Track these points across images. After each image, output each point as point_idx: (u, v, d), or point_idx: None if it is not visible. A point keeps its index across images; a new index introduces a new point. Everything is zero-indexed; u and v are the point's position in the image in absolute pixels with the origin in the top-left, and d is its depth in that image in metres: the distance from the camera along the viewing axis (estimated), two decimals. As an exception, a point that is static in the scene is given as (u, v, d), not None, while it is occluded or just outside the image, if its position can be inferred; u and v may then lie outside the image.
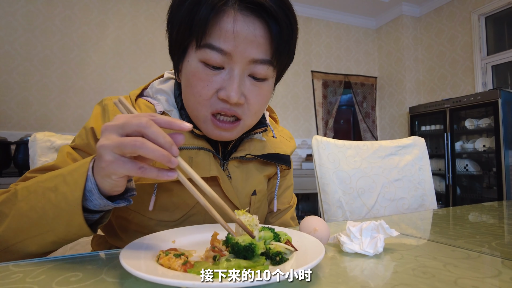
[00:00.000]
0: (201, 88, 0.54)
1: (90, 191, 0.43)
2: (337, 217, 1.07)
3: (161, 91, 0.65)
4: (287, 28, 0.53)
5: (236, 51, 0.51)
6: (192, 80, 0.54)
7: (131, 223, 0.60)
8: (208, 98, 0.54)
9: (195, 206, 0.61)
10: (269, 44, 0.53)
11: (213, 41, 0.51)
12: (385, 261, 0.46)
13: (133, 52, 3.41)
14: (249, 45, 0.51)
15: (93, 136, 0.59)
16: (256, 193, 0.68)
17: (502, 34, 3.53)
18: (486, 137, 3.32)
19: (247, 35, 0.51)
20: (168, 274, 0.35)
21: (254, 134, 0.68)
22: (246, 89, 0.55)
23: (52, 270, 0.41)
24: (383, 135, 4.51)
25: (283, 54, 0.55)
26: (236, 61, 0.52)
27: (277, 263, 0.39)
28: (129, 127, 0.38)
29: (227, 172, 0.65)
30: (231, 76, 0.53)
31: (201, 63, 0.53)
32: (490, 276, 0.39)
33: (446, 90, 3.92)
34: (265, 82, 0.57)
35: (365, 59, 4.63)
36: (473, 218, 0.88)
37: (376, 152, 1.22)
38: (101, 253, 0.49)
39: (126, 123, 0.39)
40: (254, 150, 0.67)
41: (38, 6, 3.05)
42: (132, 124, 0.38)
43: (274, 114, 0.83)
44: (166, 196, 0.59)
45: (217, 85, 0.54)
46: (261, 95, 0.57)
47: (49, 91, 3.05)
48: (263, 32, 0.52)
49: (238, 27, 0.50)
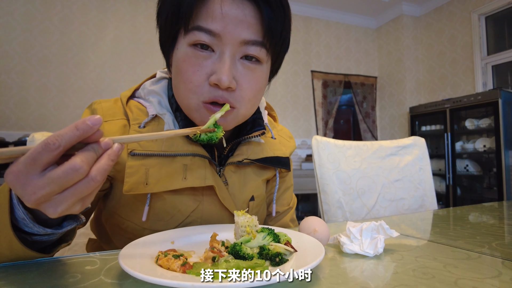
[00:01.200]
0: (191, 73, 0.52)
1: (23, 219, 0.38)
2: (337, 218, 1.07)
3: (153, 92, 0.63)
4: (278, 8, 0.51)
5: (225, 31, 0.49)
6: (182, 66, 0.52)
7: (125, 231, 0.59)
8: (200, 85, 0.52)
9: (190, 215, 0.59)
10: (260, 24, 0.51)
11: (201, 23, 0.50)
12: (385, 261, 0.46)
13: (132, 52, 3.41)
14: (239, 25, 0.50)
15: None
16: (254, 199, 0.66)
17: (502, 34, 3.53)
18: (486, 137, 3.32)
19: (236, 15, 0.49)
20: (167, 275, 0.35)
21: (252, 137, 0.65)
22: (239, 73, 0.53)
23: (50, 271, 0.41)
24: (383, 135, 4.51)
25: (275, 36, 0.53)
26: (226, 43, 0.50)
27: (277, 264, 0.39)
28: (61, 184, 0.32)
29: (224, 178, 0.63)
30: (222, 59, 0.51)
31: (190, 48, 0.51)
32: (490, 277, 0.39)
33: (446, 90, 3.93)
34: (259, 67, 0.55)
35: (365, 59, 4.63)
36: (474, 219, 0.88)
37: (376, 152, 1.22)
38: (100, 254, 0.48)
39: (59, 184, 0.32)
40: (252, 154, 0.65)
41: (37, 5, 3.05)
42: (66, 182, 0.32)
43: (273, 112, 0.80)
44: (160, 205, 0.57)
45: (208, 69, 0.51)
46: (254, 80, 0.55)
47: (48, 91, 3.05)
48: (253, 12, 0.51)
49: (226, 7, 0.49)
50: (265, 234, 0.43)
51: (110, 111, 0.59)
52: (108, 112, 0.59)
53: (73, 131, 0.31)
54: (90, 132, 0.32)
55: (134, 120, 0.58)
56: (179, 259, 0.38)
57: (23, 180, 0.30)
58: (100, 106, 0.60)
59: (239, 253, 0.40)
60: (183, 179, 0.56)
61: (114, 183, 0.59)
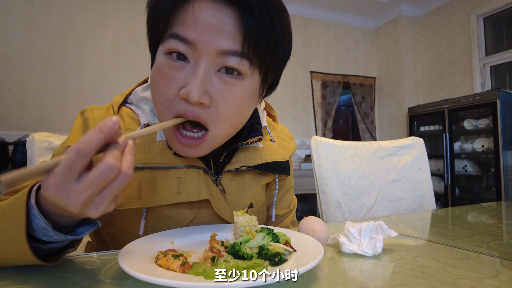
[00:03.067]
0: (164, 86, 0.48)
1: (44, 229, 0.38)
2: (336, 218, 1.07)
3: (145, 99, 0.60)
4: (262, 16, 0.46)
5: (201, 39, 0.45)
6: (155, 78, 0.49)
7: (122, 240, 0.58)
8: (171, 99, 0.48)
9: (187, 226, 0.58)
10: (240, 33, 0.46)
11: (176, 30, 0.46)
12: (384, 261, 0.46)
13: (132, 52, 3.41)
14: (216, 34, 0.45)
15: None
16: (253, 205, 0.64)
17: (501, 35, 3.54)
18: (484, 137, 3.32)
19: (213, 22, 0.45)
20: (166, 275, 0.35)
21: (249, 143, 0.63)
22: (214, 88, 0.47)
23: (49, 271, 0.41)
24: (382, 136, 4.52)
25: (260, 46, 0.47)
26: (202, 53, 0.46)
27: (276, 264, 0.39)
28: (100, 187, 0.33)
29: (221, 186, 0.60)
30: (195, 70, 0.46)
31: (165, 57, 0.48)
32: (489, 277, 0.39)
33: (444, 91, 3.93)
34: (239, 81, 0.48)
35: (364, 59, 4.64)
36: (472, 219, 0.88)
37: (375, 152, 1.22)
38: (100, 254, 0.48)
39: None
40: (250, 161, 0.62)
41: (36, 6, 3.04)
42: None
43: (273, 112, 0.77)
44: (156, 217, 0.56)
45: (180, 82, 0.47)
46: (232, 97, 0.48)
47: (47, 92, 3.04)
48: (233, 20, 0.45)
49: (203, 14, 0.45)
50: (264, 234, 0.43)
51: (102, 119, 0.57)
52: (100, 120, 0.57)
53: (99, 134, 0.33)
54: (113, 132, 0.34)
55: (125, 130, 0.57)
56: (179, 259, 0.38)
57: (63, 189, 0.32)
58: (92, 114, 0.58)
59: (239, 253, 0.40)
60: (177, 193, 0.55)
61: None
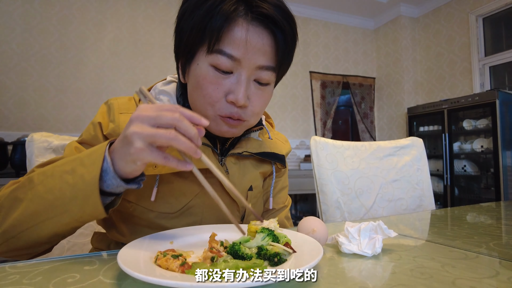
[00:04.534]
0: (211, 90, 0.57)
1: (105, 170, 0.46)
2: (336, 218, 1.07)
3: (164, 92, 0.69)
4: (291, 38, 0.58)
5: (245, 58, 0.55)
6: (202, 82, 0.58)
7: (131, 215, 0.62)
8: (218, 100, 0.58)
9: (193, 199, 0.63)
10: (274, 52, 0.58)
11: (225, 48, 0.55)
12: (383, 261, 0.46)
13: (131, 52, 3.40)
14: (257, 53, 0.56)
15: (100, 130, 0.63)
16: (253, 189, 0.71)
17: (500, 35, 3.55)
18: (484, 137, 3.33)
19: (256, 43, 0.55)
20: (165, 275, 0.35)
21: (251, 132, 0.72)
22: (251, 92, 0.59)
23: (49, 271, 0.41)
24: (381, 136, 4.52)
25: (285, 61, 0.61)
26: (244, 67, 0.56)
27: (275, 264, 0.39)
28: (163, 120, 0.42)
29: (225, 167, 0.68)
30: (239, 80, 0.57)
31: (211, 67, 0.57)
32: (488, 277, 0.40)
33: (444, 91, 3.94)
34: (268, 86, 0.62)
35: (363, 59, 4.64)
36: (471, 219, 0.88)
37: (374, 152, 1.22)
38: (99, 254, 0.48)
39: (160, 116, 0.42)
40: (251, 148, 0.71)
41: (36, 6, 3.04)
42: (166, 117, 0.42)
43: (270, 120, 0.87)
44: (166, 187, 0.62)
45: (226, 88, 0.57)
46: (263, 98, 0.62)
47: (47, 91, 3.04)
48: (270, 41, 0.57)
49: (249, 36, 0.55)
50: (265, 235, 0.43)
51: (125, 106, 0.66)
52: (123, 106, 0.65)
53: (189, 112, 0.44)
54: (197, 121, 0.44)
55: None
56: (178, 259, 0.38)
57: (140, 125, 0.42)
58: (116, 101, 0.66)
59: (238, 253, 0.40)
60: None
61: None
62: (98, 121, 0.63)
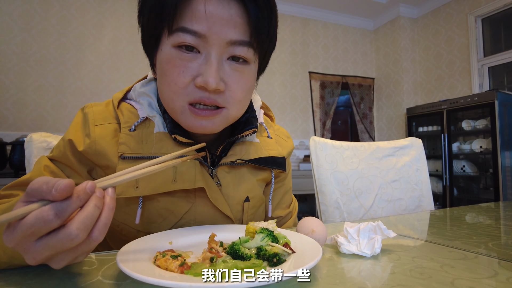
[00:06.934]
0: (176, 75, 0.50)
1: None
2: (335, 218, 1.07)
3: (144, 94, 0.62)
4: (265, 7, 0.51)
5: (211, 32, 0.48)
6: (166, 68, 0.51)
7: (119, 233, 0.59)
8: (184, 87, 0.51)
9: (183, 217, 0.58)
10: (247, 24, 0.50)
11: (185, 24, 0.48)
12: (383, 262, 0.46)
13: (130, 52, 3.40)
14: (225, 26, 0.48)
15: (71, 148, 0.57)
16: (250, 199, 0.63)
17: (499, 36, 3.56)
18: (483, 138, 3.33)
19: (222, 15, 0.48)
20: (165, 275, 0.35)
21: (246, 136, 0.64)
22: (226, 74, 0.51)
23: (48, 271, 0.41)
24: (381, 136, 4.53)
25: (262, 35, 0.52)
26: (212, 44, 0.49)
27: (275, 265, 0.39)
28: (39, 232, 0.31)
29: (216, 178, 0.61)
30: (208, 60, 0.49)
31: (174, 49, 0.50)
32: (487, 277, 0.40)
33: (443, 91, 3.95)
34: (247, 66, 0.53)
35: (362, 60, 4.65)
36: (470, 219, 0.88)
37: (373, 153, 1.22)
38: (98, 254, 0.48)
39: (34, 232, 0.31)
40: (246, 154, 0.63)
41: (35, 6, 3.04)
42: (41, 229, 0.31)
43: (270, 112, 0.79)
44: (153, 207, 0.57)
45: (194, 72, 0.50)
46: (243, 81, 0.53)
47: (46, 92, 3.04)
48: (239, 11, 0.49)
49: (211, 7, 0.48)
50: (264, 235, 0.43)
51: (102, 115, 0.59)
52: (99, 116, 0.59)
53: (76, 203, 0.31)
54: (88, 197, 0.32)
55: (125, 123, 0.59)
56: (177, 259, 0.38)
57: (21, 246, 0.31)
58: (92, 110, 0.60)
59: (237, 253, 0.40)
60: (173, 181, 0.55)
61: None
62: (69, 137, 0.57)
